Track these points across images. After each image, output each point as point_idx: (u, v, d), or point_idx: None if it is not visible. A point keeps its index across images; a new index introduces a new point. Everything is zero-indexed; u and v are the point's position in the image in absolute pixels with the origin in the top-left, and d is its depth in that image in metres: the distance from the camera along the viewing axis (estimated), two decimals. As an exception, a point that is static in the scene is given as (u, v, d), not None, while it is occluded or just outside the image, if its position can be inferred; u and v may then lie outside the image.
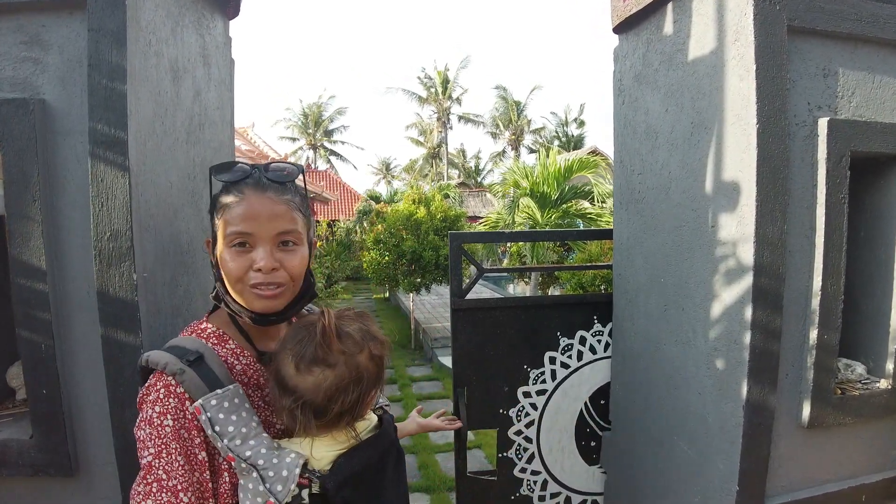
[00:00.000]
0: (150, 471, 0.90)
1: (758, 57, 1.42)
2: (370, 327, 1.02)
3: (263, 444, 0.94)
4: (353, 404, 0.97)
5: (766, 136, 1.43)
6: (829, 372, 1.55)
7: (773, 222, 1.45)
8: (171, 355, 0.97)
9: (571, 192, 10.53)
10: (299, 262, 1.03)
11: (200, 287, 1.60)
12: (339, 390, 0.95)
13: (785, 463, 1.58)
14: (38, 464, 1.32)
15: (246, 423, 0.95)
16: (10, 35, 1.29)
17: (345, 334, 0.97)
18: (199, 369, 0.96)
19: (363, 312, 1.04)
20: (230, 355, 1.04)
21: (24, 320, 1.30)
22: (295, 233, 1.02)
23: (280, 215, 1.00)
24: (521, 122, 35.60)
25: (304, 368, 0.95)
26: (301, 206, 1.05)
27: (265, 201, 1.00)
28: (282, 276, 1.00)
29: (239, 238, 0.98)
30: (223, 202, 1.02)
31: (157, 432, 0.91)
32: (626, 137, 1.99)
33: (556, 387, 2.21)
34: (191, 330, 1.09)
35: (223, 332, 1.07)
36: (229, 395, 0.95)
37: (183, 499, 0.90)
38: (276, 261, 0.99)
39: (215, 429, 0.92)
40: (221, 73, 1.77)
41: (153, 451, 0.90)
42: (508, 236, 2.32)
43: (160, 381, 0.95)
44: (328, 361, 0.95)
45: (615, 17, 1.99)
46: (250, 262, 0.98)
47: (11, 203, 1.28)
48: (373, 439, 1.03)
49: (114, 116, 1.24)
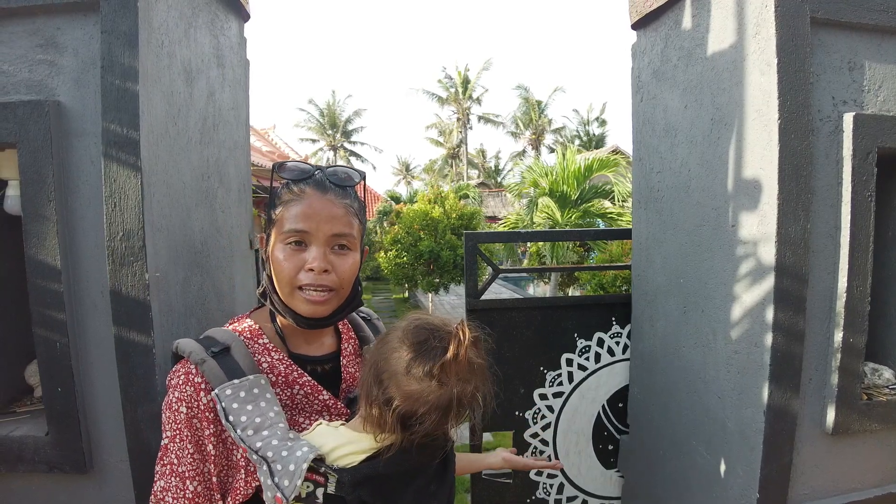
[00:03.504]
0: (166, 453, 0.93)
1: (779, 51, 1.38)
2: (483, 354, 0.96)
3: (276, 436, 0.90)
4: (435, 427, 0.92)
5: (788, 133, 1.39)
6: (854, 376, 1.50)
7: (795, 221, 1.40)
8: (199, 344, 0.97)
9: (592, 191, 10.40)
10: (350, 268, 1.01)
11: (214, 287, 1.61)
12: (433, 410, 0.90)
13: (808, 470, 1.53)
14: (54, 460, 1.34)
15: (262, 413, 0.92)
16: (26, 38, 1.31)
17: (472, 364, 0.92)
18: (221, 360, 0.95)
19: (479, 337, 0.97)
20: (260, 351, 1.02)
21: (39, 319, 1.32)
22: (350, 237, 1.00)
23: (338, 218, 0.99)
24: (542, 122, 35.38)
25: (415, 374, 0.90)
26: (359, 212, 1.04)
27: (325, 202, 0.99)
28: (332, 279, 0.98)
29: (295, 236, 0.97)
30: (283, 199, 1.01)
31: (173, 416, 0.93)
32: (645, 135, 1.95)
33: (574, 389, 2.18)
34: (229, 322, 1.09)
35: (259, 328, 1.05)
36: (247, 384, 0.93)
37: (189, 486, 0.92)
38: (329, 263, 0.97)
39: (229, 418, 0.90)
40: (236, 73, 1.78)
41: (169, 435, 0.93)
42: (525, 236, 2.29)
43: (183, 368, 0.96)
44: (442, 381, 0.89)
45: (634, 14, 1.96)
46: (303, 261, 0.97)
47: (28, 203, 1.30)
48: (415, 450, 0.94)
49: (126, 117, 1.24)
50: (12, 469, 1.36)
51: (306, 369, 1.04)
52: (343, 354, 1.11)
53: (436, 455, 0.99)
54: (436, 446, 0.97)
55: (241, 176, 1.84)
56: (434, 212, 11.02)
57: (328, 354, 1.10)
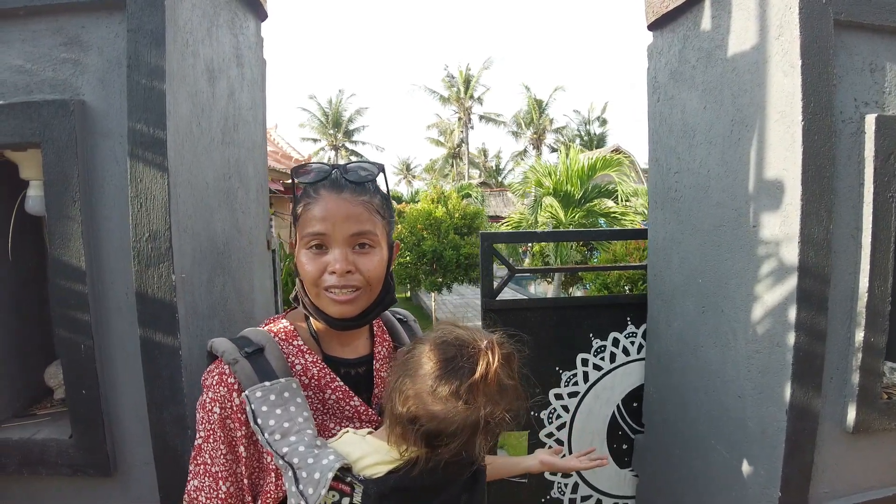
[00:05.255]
0: (200, 453, 0.93)
1: (803, 52, 1.38)
2: (516, 379, 0.93)
3: (303, 442, 0.88)
4: (461, 447, 0.88)
5: (811, 134, 1.39)
6: (875, 375, 1.50)
7: (818, 222, 1.41)
8: (233, 344, 0.97)
9: (595, 190, 10.42)
10: (376, 266, 0.98)
11: (235, 287, 1.60)
12: (460, 431, 0.86)
13: (828, 468, 1.54)
14: (77, 463, 1.33)
15: (291, 418, 0.90)
16: (50, 37, 1.30)
17: (503, 385, 0.88)
18: (255, 361, 0.94)
19: (512, 350, 0.94)
20: (293, 353, 1.01)
21: (63, 321, 1.31)
22: (371, 234, 0.98)
23: (355, 216, 0.96)
24: (544, 121, 35.41)
25: (441, 394, 0.86)
26: (380, 207, 1.01)
27: (340, 202, 0.96)
28: (357, 279, 0.96)
29: (315, 240, 0.96)
30: (302, 203, 0.99)
31: (207, 417, 0.93)
32: (662, 136, 1.95)
33: (589, 389, 2.18)
34: (265, 323, 1.08)
35: (294, 330, 1.04)
36: (278, 388, 0.92)
37: (222, 487, 0.92)
38: (351, 263, 0.96)
39: (257, 421, 0.89)
40: (254, 73, 1.78)
41: (203, 435, 0.93)
42: (541, 236, 2.29)
43: (217, 368, 0.96)
44: (469, 402, 0.85)
45: (650, 14, 1.96)
46: (326, 264, 0.96)
47: (52, 204, 1.29)
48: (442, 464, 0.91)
49: (153, 117, 1.24)
50: (34, 472, 1.35)
51: (340, 372, 1.03)
52: (376, 358, 1.09)
53: (464, 471, 0.96)
54: (464, 463, 0.94)
55: (258, 176, 1.83)
56: (437, 211, 11.02)
57: (362, 357, 1.08)
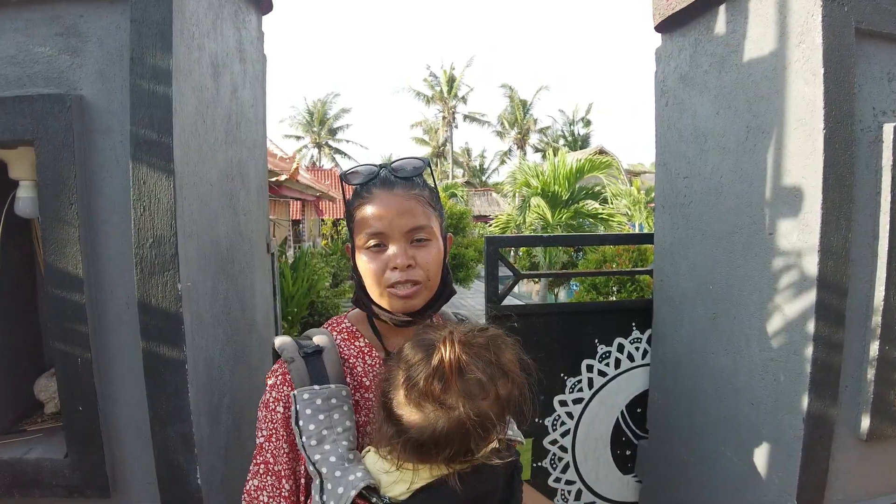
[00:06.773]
0: (261, 452, 0.93)
1: (826, 60, 1.37)
2: (501, 357, 0.86)
3: (336, 453, 0.86)
4: (463, 453, 0.82)
5: (832, 142, 1.38)
6: (889, 385, 1.50)
7: (838, 230, 1.40)
8: (294, 343, 0.98)
9: (583, 192, 10.51)
10: (434, 258, 0.99)
11: (237, 294, 1.52)
12: (451, 438, 0.79)
13: (842, 476, 1.54)
14: (74, 485, 1.24)
15: (331, 426, 0.88)
16: (44, 26, 1.20)
17: (469, 374, 0.79)
18: (311, 362, 0.95)
19: (497, 335, 0.88)
20: (355, 354, 1.02)
21: (58, 332, 1.21)
22: (427, 228, 0.99)
23: (410, 211, 0.97)
24: (528, 121, 35.57)
25: (413, 400, 0.80)
26: (431, 199, 1.03)
27: (394, 198, 0.97)
28: (418, 272, 0.97)
29: (373, 239, 0.97)
30: (356, 206, 1.00)
31: (270, 416, 0.93)
32: (670, 140, 1.93)
33: (594, 395, 2.15)
34: (327, 324, 1.08)
35: (356, 329, 1.05)
36: (326, 393, 0.91)
37: (285, 485, 0.92)
38: (411, 257, 0.96)
39: (298, 423, 0.88)
40: (256, 69, 1.70)
41: (265, 434, 0.93)
42: (546, 240, 2.26)
43: (280, 368, 0.96)
44: (444, 402, 0.78)
45: (657, 15, 1.93)
46: (386, 261, 0.96)
47: (46, 206, 1.20)
48: (471, 477, 0.85)
49: (158, 114, 1.16)
50: (27, 494, 1.26)
51: None
52: None
53: (492, 482, 0.91)
54: (491, 473, 0.89)
55: (259, 177, 1.75)
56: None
57: None
